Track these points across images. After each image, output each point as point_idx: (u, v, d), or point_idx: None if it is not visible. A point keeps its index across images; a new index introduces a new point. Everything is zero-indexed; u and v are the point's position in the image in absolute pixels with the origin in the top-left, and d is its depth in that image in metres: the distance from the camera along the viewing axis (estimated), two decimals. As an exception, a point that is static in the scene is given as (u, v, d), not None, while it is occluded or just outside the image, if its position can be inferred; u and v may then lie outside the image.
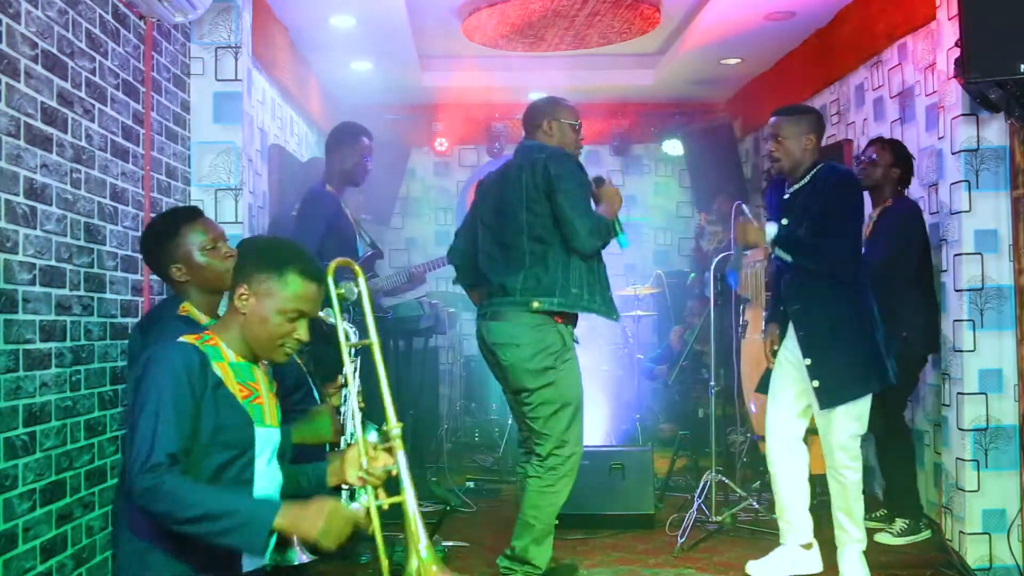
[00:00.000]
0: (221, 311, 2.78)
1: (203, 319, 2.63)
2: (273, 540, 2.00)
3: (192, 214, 2.72)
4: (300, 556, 2.35)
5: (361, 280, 2.31)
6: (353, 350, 3.21)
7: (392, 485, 2.19)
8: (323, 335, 3.58)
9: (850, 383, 3.38)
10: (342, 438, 3.13)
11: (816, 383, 3.38)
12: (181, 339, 2.03)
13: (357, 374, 3.15)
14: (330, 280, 2.26)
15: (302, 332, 2.12)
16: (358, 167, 4.27)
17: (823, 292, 3.41)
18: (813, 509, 3.60)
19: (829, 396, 3.37)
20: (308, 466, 2.29)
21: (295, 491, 2.24)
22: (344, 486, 2.31)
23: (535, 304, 3.33)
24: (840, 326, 3.40)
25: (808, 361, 3.40)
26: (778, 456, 3.58)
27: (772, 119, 3.54)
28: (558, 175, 3.32)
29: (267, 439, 2.12)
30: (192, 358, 1.99)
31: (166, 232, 2.64)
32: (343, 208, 4.23)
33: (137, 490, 1.86)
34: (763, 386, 3.74)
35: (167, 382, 1.94)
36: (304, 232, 4.02)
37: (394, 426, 2.19)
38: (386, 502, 2.16)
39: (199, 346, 2.04)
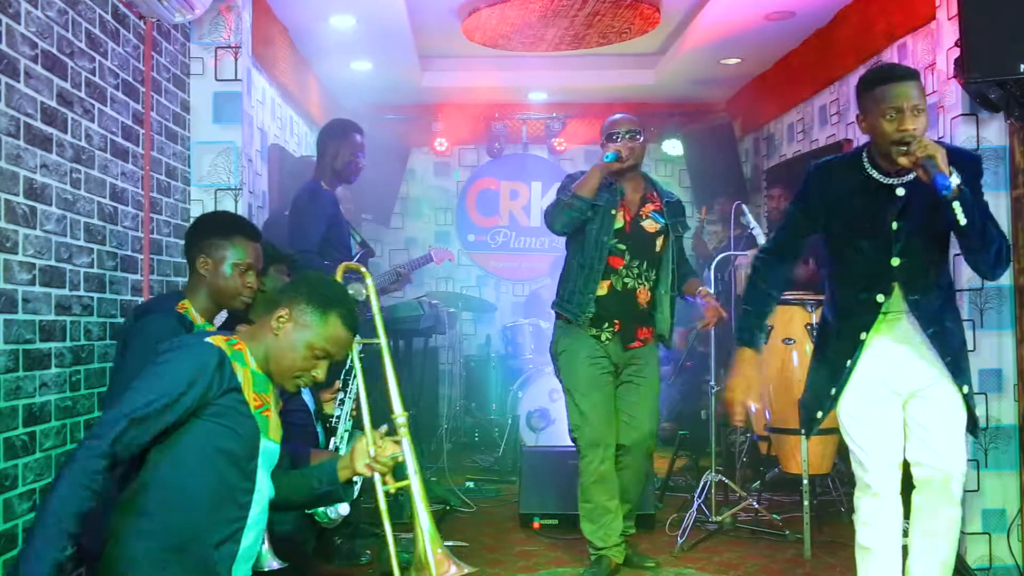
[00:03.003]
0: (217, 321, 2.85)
1: (198, 319, 2.68)
2: None
3: (252, 233, 2.79)
4: (270, 562, 2.37)
5: (368, 281, 2.37)
6: (359, 347, 3.23)
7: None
8: None
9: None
10: (332, 439, 3.14)
11: (965, 388, 2.70)
12: (208, 339, 2.05)
13: (357, 379, 3.16)
14: (339, 280, 2.35)
15: (320, 372, 2.15)
16: (350, 165, 4.18)
17: (947, 310, 2.74)
18: (814, 508, 3.45)
19: (977, 422, 2.75)
20: (315, 467, 2.30)
21: (308, 495, 2.27)
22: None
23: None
24: (965, 347, 2.80)
25: (966, 389, 2.69)
26: (890, 517, 2.72)
27: (907, 83, 2.55)
28: None
29: (269, 454, 2.13)
30: (212, 359, 2.00)
31: (221, 230, 2.73)
32: (339, 206, 4.21)
33: (78, 453, 1.87)
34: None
35: (180, 378, 1.95)
36: (304, 230, 3.94)
37: (399, 415, 2.30)
38: (393, 486, 2.25)
39: (224, 346, 2.05)
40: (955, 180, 2.43)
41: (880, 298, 2.68)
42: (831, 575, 3.66)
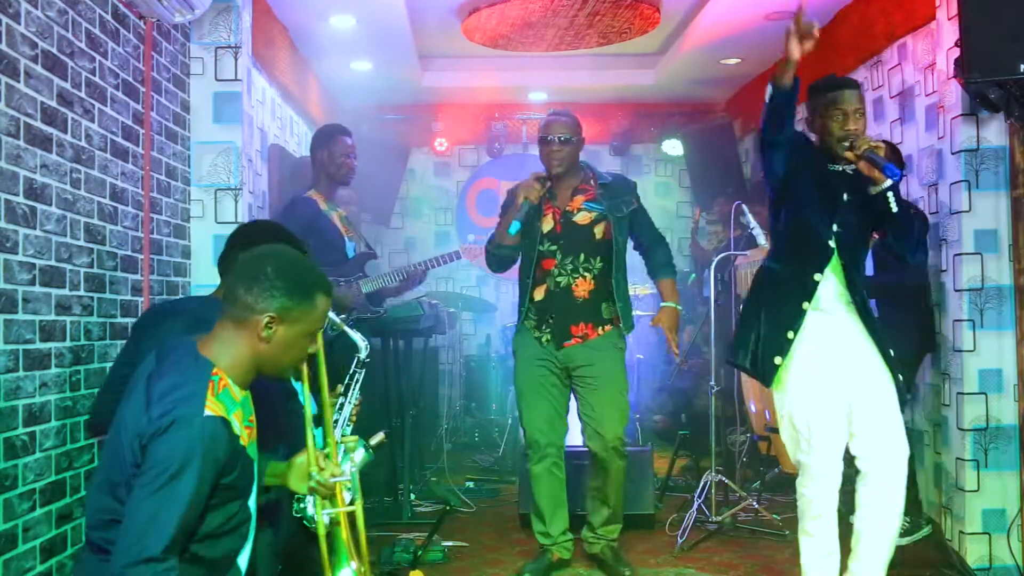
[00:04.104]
0: None
1: None
2: None
3: (300, 248, 2.63)
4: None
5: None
6: (357, 360, 3.24)
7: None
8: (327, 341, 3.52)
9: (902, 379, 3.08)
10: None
11: (900, 376, 3.00)
12: (208, 411, 1.87)
13: (358, 386, 3.17)
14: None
15: (314, 345, 2.10)
16: (342, 168, 4.31)
17: (863, 285, 3.11)
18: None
19: (903, 394, 3.00)
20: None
21: None
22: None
23: None
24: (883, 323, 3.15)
25: (892, 352, 3.00)
26: (832, 499, 2.95)
27: (851, 91, 3.01)
28: None
29: (257, 468, 2.10)
30: (220, 438, 1.87)
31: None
32: (324, 212, 4.24)
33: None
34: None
35: (191, 475, 1.81)
36: None
37: (349, 438, 2.24)
38: (333, 511, 2.15)
39: (219, 406, 1.90)
40: (890, 178, 2.83)
41: (831, 243, 2.98)
42: (831, 575, 3.65)
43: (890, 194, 2.84)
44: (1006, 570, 3.63)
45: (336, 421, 3.14)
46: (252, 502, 2.08)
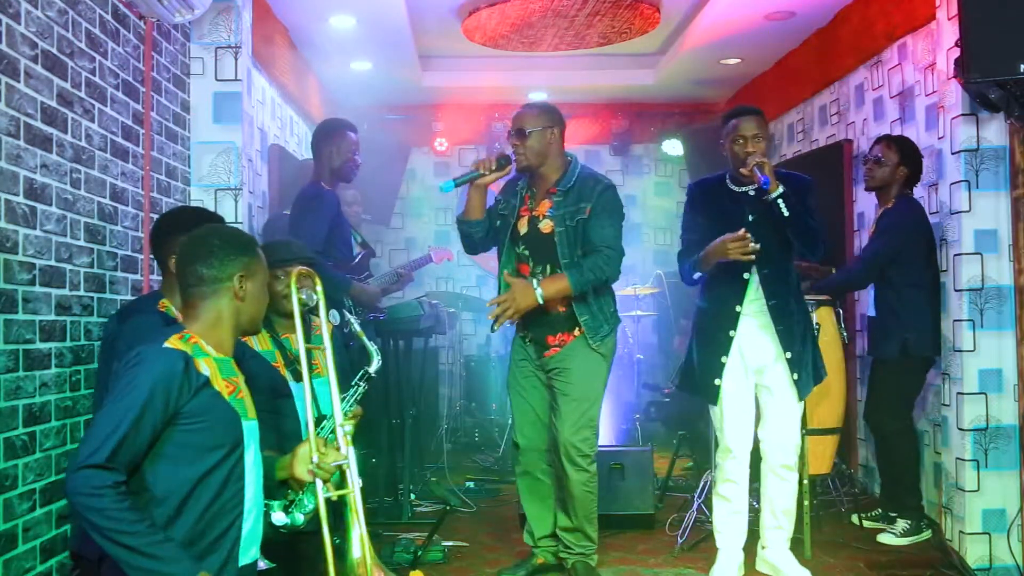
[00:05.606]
0: None
1: (180, 316, 2.66)
2: None
3: (215, 220, 2.78)
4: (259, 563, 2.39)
5: (319, 288, 2.46)
6: (364, 373, 3.22)
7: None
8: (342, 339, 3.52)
9: (813, 376, 3.53)
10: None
11: (796, 376, 3.46)
12: (167, 344, 2.03)
13: (355, 397, 3.16)
14: (293, 288, 2.42)
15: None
16: (348, 164, 4.16)
17: (792, 288, 3.52)
18: (814, 508, 3.60)
19: (803, 389, 3.50)
20: (266, 458, 2.31)
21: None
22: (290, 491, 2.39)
23: None
24: (803, 322, 3.55)
25: (788, 355, 3.44)
26: (743, 470, 3.59)
27: (751, 118, 3.45)
28: None
29: (252, 432, 2.17)
30: (176, 365, 2.00)
31: (185, 228, 2.60)
32: (340, 207, 4.20)
33: (78, 484, 1.86)
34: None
35: (143, 390, 1.94)
36: (307, 231, 3.90)
37: (344, 423, 2.36)
38: (334, 494, 2.27)
39: (184, 346, 2.05)
40: (780, 187, 3.27)
41: (746, 276, 3.44)
42: (831, 575, 3.66)
43: (780, 201, 3.28)
44: (1006, 570, 3.63)
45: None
46: (249, 472, 2.13)
